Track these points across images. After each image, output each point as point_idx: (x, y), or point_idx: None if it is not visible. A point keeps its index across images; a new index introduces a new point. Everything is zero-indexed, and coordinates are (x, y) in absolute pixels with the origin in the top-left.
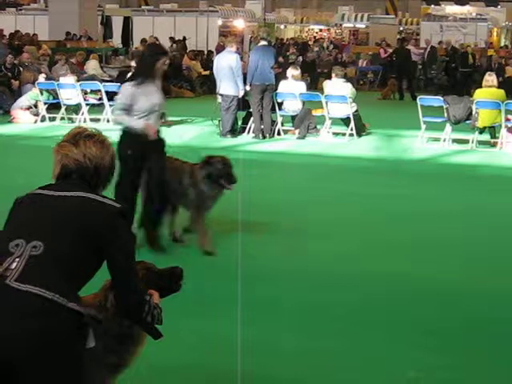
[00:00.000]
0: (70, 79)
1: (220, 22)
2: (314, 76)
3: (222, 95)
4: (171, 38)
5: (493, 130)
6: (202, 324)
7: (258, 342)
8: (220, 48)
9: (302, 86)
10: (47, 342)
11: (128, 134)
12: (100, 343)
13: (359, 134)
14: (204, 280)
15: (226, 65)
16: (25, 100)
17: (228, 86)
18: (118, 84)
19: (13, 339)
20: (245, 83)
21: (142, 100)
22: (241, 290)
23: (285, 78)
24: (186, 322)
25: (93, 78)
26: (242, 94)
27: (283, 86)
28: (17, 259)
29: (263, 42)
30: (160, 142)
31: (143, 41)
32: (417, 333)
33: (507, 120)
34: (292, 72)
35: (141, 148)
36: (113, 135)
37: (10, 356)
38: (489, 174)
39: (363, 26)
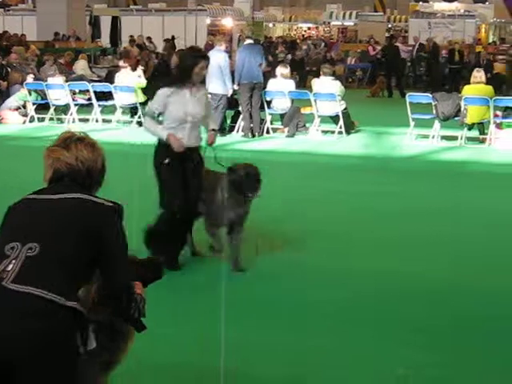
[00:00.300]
0: (58, 79)
1: (208, 20)
2: (303, 74)
3: (210, 94)
4: (148, 38)
5: (481, 127)
6: (191, 322)
7: (246, 340)
8: (209, 47)
9: (291, 85)
10: (47, 342)
11: (165, 144)
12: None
13: (348, 132)
14: (192, 278)
15: (214, 63)
16: (13, 101)
17: (217, 84)
18: (107, 84)
19: (13, 339)
20: (233, 82)
21: (175, 108)
22: (228, 288)
23: (274, 76)
24: (175, 321)
25: (81, 78)
26: (230, 92)
27: (272, 85)
28: (13, 261)
29: (249, 41)
30: (198, 157)
31: (132, 40)
32: (406, 330)
33: (496, 116)
34: (281, 70)
35: (179, 159)
36: (102, 136)
37: (10, 356)
38: (478, 171)
39: (351, 23)
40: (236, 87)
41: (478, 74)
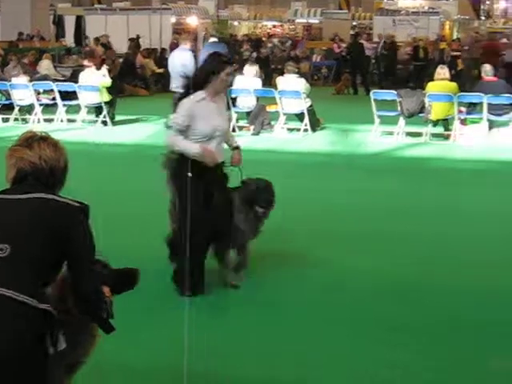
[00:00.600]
0: (22, 79)
1: (173, 19)
2: (268, 72)
3: (175, 92)
4: (96, 39)
5: (446, 123)
6: (161, 326)
7: (216, 342)
8: (174, 46)
9: (257, 83)
10: (18, 343)
11: (186, 158)
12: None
13: (314, 130)
14: (162, 280)
15: (179, 62)
16: None
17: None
18: (72, 83)
19: None
20: None
21: (203, 120)
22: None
23: (241, 73)
24: (145, 324)
25: (45, 77)
26: None
27: (239, 82)
28: None
29: (214, 39)
30: (223, 174)
31: (96, 39)
32: (381, 329)
33: (460, 112)
34: (248, 68)
35: (203, 175)
36: (67, 136)
37: None
38: (442, 167)
39: (316, 21)
40: None
41: (442, 71)
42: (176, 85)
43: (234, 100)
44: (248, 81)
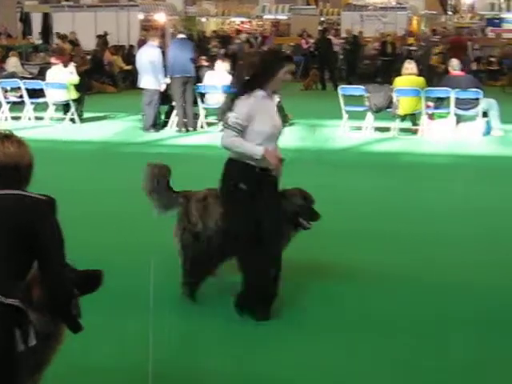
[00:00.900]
0: None
1: (141, 16)
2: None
3: (143, 89)
4: (64, 36)
5: (414, 118)
6: (124, 326)
7: (178, 340)
8: (142, 42)
9: (228, 79)
10: None
11: (239, 164)
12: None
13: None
14: (126, 281)
15: (147, 59)
16: None
17: (149, 80)
18: (39, 81)
19: None
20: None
21: (263, 121)
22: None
23: (212, 69)
24: (108, 321)
25: (13, 75)
26: (163, 87)
27: (209, 78)
28: None
29: (181, 35)
30: (274, 179)
31: (63, 37)
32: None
33: (428, 107)
34: (220, 64)
35: (256, 185)
36: (35, 133)
37: None
38: (410, 162)
39: (284, 17)
40: (168, 81)
41: (410, 66)
42: (144, 81)
43: (202, 96)
44: (219, 77)
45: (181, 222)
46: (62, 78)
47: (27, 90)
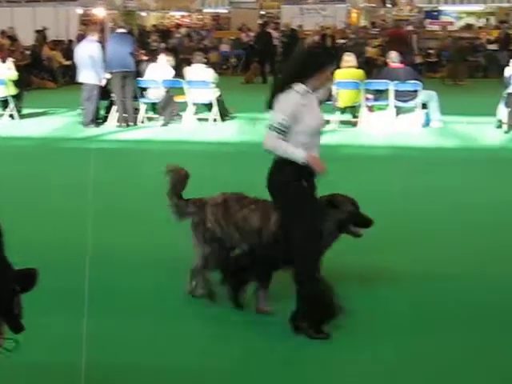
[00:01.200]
0: None
1: (80, 10)
2: (177, 62)
3: (82, 84)
4: (1, 32)
5: (353, 110)
6: (57, 322)
7: (112, 335)
8: (81, 37)
9: (170, 73)
10: None
11: (292, 163)
12: None
13: (223, 119)
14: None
15: (86, 54)
16: None
17: (89, 75)
18: None
19: None
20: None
21: (310, 120)
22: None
23: (153, 63)
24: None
25: None
26: (103, 82)
27: (151, 73)
28: None
29: (121, 30)
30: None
31: (1, 32)
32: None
33: (367, 99)
34: (163, 58)
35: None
36: None
37: None
38: (350, 154)
39: (225, 10)
40: (109, 76)
41: (349, 58)
42: (83, 76)
43: (143, 90)
44: (160, 71)
45: (198, 231)
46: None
47: None
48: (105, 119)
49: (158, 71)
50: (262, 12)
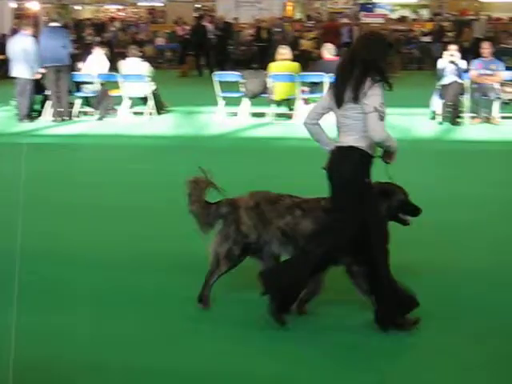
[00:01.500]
0: None
1: (14, 4)
2: (112, 56)
3: (15, 78)
4: None
5: (289, 103)
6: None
7: (55, 329)
8: (14, 31)
9: (105, 66)
10: None
11: (364, 154)
12: None
13: (159, 113)
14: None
15: (20, 48)
16: None
17: (22, 69)
18: None
19: None
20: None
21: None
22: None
23: (88, 57)
24: None
25: None
26: (38, 76)
27: (87, 67)
28: None
29: (53, 23)
30: None
31: None
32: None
33: (302, 92)
34: (98, 51)
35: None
36: None
37: None
38: (285, 146)
39: (160, 4)
40: (43, 70)
41: (284, 51)
42: (16, 70)
43: (78, 84)
44: (96, 65)
45: (226, 233)
46: None
47: None
48: (39, 114)
49: (93, 65)
50: (198, 5)
